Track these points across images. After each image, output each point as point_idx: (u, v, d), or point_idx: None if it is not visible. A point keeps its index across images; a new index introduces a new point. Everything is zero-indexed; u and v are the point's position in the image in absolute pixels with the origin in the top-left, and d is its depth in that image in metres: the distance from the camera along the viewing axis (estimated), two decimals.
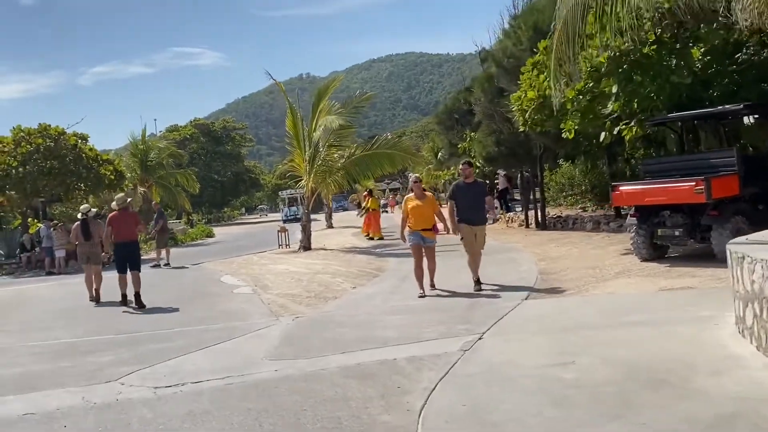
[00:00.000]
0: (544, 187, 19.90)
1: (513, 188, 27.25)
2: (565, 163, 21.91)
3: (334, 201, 42.96)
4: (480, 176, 18.94)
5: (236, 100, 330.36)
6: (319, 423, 4.32)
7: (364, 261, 14.70)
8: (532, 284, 9.32)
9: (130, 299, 10.45)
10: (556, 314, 7.15)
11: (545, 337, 6.05)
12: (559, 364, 5.02)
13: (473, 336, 6.29)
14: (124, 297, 10.54)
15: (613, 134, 11.63)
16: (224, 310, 9.44)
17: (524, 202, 21.75)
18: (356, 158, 19.33)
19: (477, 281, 9.02)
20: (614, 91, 10.53)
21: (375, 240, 20.95)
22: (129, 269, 10.48)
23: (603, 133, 11.83)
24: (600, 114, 11.53)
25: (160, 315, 9.63)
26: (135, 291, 10.33)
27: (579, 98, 11.20)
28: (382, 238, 20.94)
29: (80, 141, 22.67)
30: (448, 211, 9.24)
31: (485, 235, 9.26)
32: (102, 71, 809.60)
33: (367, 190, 25.21)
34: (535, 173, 20.09)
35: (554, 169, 23.81)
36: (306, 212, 19.46)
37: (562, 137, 13.04)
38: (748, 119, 10.46)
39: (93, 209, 12.29)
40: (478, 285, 8.98)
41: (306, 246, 18.41)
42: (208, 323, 8.47)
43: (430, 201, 9.20)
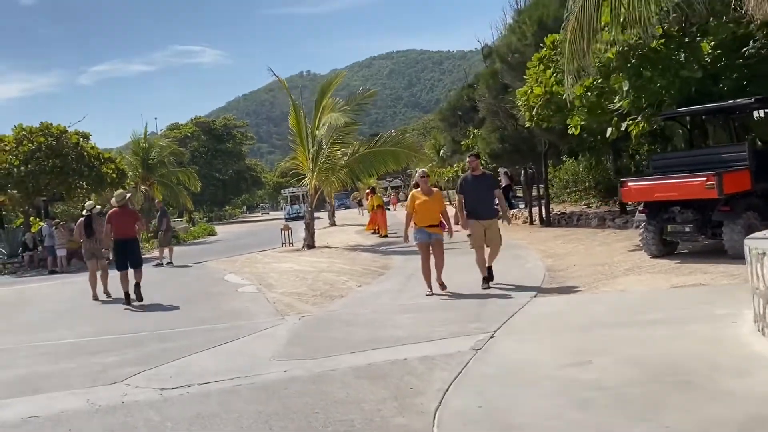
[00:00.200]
0: (548, 184, 19.76)
1: (515, 185, 27.15)
2: (569, 160, 21.78)
3: (336, 199, 42.83)
4: None
5: (237, 98, 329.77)
6: (331, 426, 4.20)
7: (369, 259, 14.58)
8: (540, 281, 9.19)
9: (133, 297, 10.42)
10: (568, 312, 7.03)
11: (559, 336, 5.93)
12: (576, 364, 4.89)
13: (485, 335, 6.16)
14: (127, 295, 10.49)
15: (620, 130, 11.52)
16: (229, 310, 9.32)
17: (528, 199, 21.63)
18: (360, 155, 19.17)
19: (485, 279, 8.87)
20: (625, 89, 10.36)
21: (383, 237, 20.78)
22: (130, 266, 10.57)
23: (609, 129, 11.71)
24: (607, 110, 11.40)
25: (164, 314, 9.54)
26: (136, 281, 10.47)
27: (587, 95, 11.05)
28: (386, 236, 20.82)
29: (82, 139, 22.53)
30: (457, 206, 9.02)
31: (499, 229, 9.00)
32: (102, 70, 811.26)
33: (370, 188, 25.12)
34: (539, 170, 19.96)
35: (558, 166, 23.71)
36: (310, 210, 19.32)
37: (568, 133, 12.89)
38: (758, 113, 10.30)
39: (98, 206, 12.26)
40: (486, 283, 8.84)
41: (310, 244, 18.30)
42: (213, 322, 8.34)
43: (437, 197, 8.89)
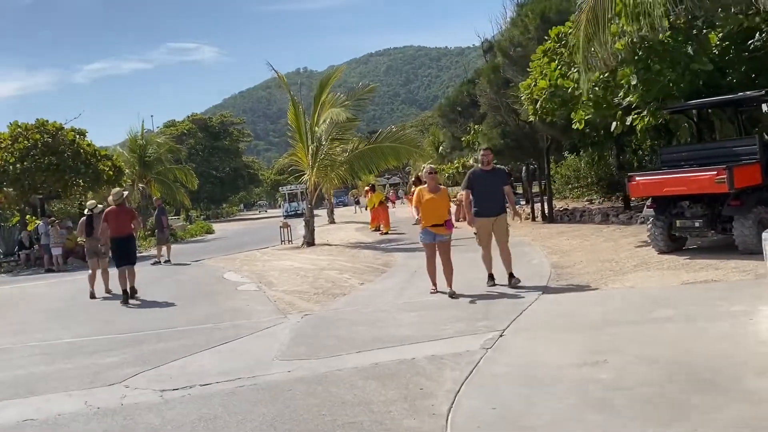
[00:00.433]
0: (550, 180, 19.59)
1: (514, 182, 26.98)
2: (570, 156, 21.61)
3: (335, 196, 42.65)
4: None
5: (233, 96, 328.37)
6: (339, 429, 4.04)
7: (371, 256, 14.40)
8: (547, 279, 9.03)
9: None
10: (578, 309, 6.87)
11: (570, 334, 5.76)
12: (591, 363, 4.73)
13: (494, 333, 6.00)
14: (125, 293, 10.38)
15: (625, 124, 11.33)
16: (229, 308, 9.13)
17: (529, 196, 21.46)
18: (360, 152, 18.95)
19: (491, 276, 8.71)
20: (633, 83, 10.17)
21: (384, 234, 20.53)
22: (124, 264, 10.56)
23: (614, 123, 11.52)
24: (613, 104, 11.22)
25: (163, 313, 9.37)
26: (129, 285, 10.55)
27: (594, 89, 10.86)
28: (387, 233, 20.62)
29: (78, 136, 22.27)
30: (464, 202, 8.81)
31: (507, 226, 8.83)
32: (97, 68, 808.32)
33: (370, 185, 24.92)
34: (541, 165, 19.78)
35: (559, 162, 23.55)
36: (309, 207, 19.11)
37: (571, 128, 12.71)
38: (767, 106, 10.14)
39: (99, 205, 12.17)
40: (492, 281, 8.67)
41: (310, 241, 18.10)
42: (213, 321, 8.15)
43: (444, 195, 8.63)
